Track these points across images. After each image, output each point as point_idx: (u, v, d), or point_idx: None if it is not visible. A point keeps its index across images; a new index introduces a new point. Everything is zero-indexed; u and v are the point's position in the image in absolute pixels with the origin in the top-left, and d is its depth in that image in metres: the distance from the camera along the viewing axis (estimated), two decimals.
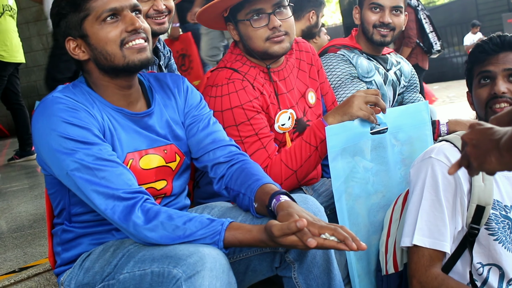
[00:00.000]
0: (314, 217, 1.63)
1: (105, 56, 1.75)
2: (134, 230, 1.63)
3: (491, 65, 1.94)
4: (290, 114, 2.35)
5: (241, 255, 1.83)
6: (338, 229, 1.54)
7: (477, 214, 1.85)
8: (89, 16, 1.73)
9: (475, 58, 2.00)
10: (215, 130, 1.98)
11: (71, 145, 1.66)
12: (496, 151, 1.10)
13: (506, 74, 1.92)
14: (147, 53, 1.78)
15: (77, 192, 1.70)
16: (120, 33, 1.74)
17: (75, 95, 1.76)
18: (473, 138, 1.18)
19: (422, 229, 1.86)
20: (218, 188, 1.95)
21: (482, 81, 1.95)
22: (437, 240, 1.84)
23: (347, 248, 1.51)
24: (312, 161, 2.20)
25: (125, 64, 1.75)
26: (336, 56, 2.89)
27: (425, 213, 1.86)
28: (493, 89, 1.91)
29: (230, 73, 2.28)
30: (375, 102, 2.16)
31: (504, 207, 1.88)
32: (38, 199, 3.95)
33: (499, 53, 1.94)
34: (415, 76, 3.17)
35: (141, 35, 1.77)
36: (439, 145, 1.93)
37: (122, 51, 1.74)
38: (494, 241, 1.87)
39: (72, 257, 1.84)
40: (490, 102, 1.92)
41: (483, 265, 1.89)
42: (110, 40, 1.73)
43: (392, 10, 2.86)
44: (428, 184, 1.87)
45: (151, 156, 1.84)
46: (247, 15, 2.25)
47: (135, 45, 1.75)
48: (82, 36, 1.75)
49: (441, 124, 2.66)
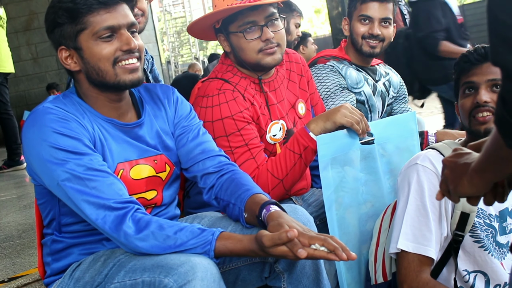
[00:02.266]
0: (304, 227, 1.64)
1: (97, 71, 1.75)
2: (125, 240, 1.63)
3: (475, 76, 1.96)
4: (281, 125, 2.36)
5: (230, 265, 1.84)
6: (328, 239, 1.55)
7: (461, 221, 1.87)
8: (85, 30, 1.73)
9: (461, 68, 2.03)
10: (204, 140, 1.99)
11: (62, 155, 1.66)
12: (467, 174, 1.13)
13: (490, 85, 1.94)
14: (139, 73, 1.79)
15: (67, 202, 1.70)
16: (115, 51, 1.74)
17: (65, 106, 1.76)
18: (452, 162, 1.21)
19: (406, 233, 1.88)
20: (207, 198, 1.95)
21: (467, 91, 1.98)
22: (421, 245, 1.86)
23: (337, 258, 1.52)
24: (297, 169, 2.21)
25: (116, 82, 1.76)
26: (326, 67, 2.91)
27: (409, 218, 1.88)
28: (476, 98, 1.94)
29: (220, 83, 2.30)
30: (357, 121, 2.15)
31: (489, 215, 1.91)
32: (27, 209, 3.93)
33: (483, 63, 1.96)
34: (404, 87, 3.19)
35: (135, 55, 1.77)
36: (425, 152, 1.96)
37: (115, 69, 1.74)
38: (480, 248, 1.90)
39: (62, 267, 1.83)
40: (474, 111, 1.94)
41: (469, 272, 1.91)
42: (103, 57, 1.73)
43: (381, 22, 2.88)
44: (414, 190, 1.89)
45: (142, 166, 1.85)
46: (239, 27, 2.26)
47: (128, 65, 1.76)
48: (76, 48, 1.75)
49: (429, 135, 2.68)
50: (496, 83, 1.94)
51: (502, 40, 0.85)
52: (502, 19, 0.85)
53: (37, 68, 9.84)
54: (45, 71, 10.28)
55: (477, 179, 1.10)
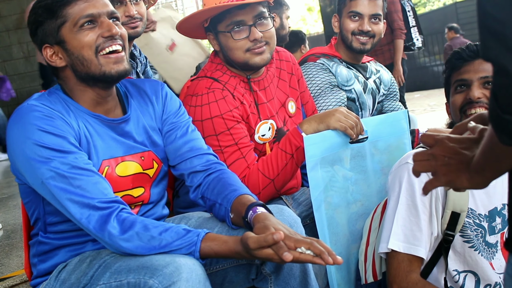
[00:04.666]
0: (290, 230, 1.62)
1: (81, 61, 1.74)
2: (109, 240, 1.62)
3: (467, 73, 1.97)
4: (271, 125, 2.35)
5: (217, 266, 1.83)
6: (314, 243, 1.54)
7: (452, 220, 1.86)
8: (66, 23, 1.72)
9: (452, 65, 2.03)
10: (193, 138, 1.97)
11: (47, 153, 1.64)
12: (467, 172, 1.11)
13: (482, 82, 1.95)
14: (125, 64, 1.77)
15: (52, 201, 1.68)
16: (96, 38, 1.73)
17: (51, 103, 1.74)
18: (445, 156, 1.18)
19: (397, 233, 1.87)
20: (194, 197, 1.94)
21: (459, 88, 1.99)
22: (412, 245, 1.85)
23: (323, 263, 1.51)
24: (289, 169, 2.20)
25: (101, 73, 1.74)
26: (316, 65, 2.89)
27: (400, 218, 1.87)
28: (468, 94, 1.94)
29: (210, 82, 2.28)
30: (352, 125, 2.15)
31: (478, 215, 1.90)
32: (16, 209, 3.91)
33: (475, 60, 1.98)
34: (395, 85, 3.18)
35: (118, 42, 1.76)
36: (410, 152, 1.95)
37: (98, 58, 1.73)
38: (470, 248, 1.89)
39: (49, 268, 1.82)
40: (465, 107, 1.95)
41: (459, 272, 1.90)
42: (86, 45, 1.72)
43: (371, 18, 2.87)
44: (404, 189, 1.88)
45: (128, 163, 1.83)
46: (227, 26, 2.24)
47: (111, 54, 1.74)
48: (59, 42, 1.74)
49: (420, 133, 2.67)
50: (488, 80, 1.94)
51: (492, 34, 0.84)
52: (492, 14, 0.83)
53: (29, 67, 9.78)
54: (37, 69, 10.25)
55: (478, 178, 1.09)
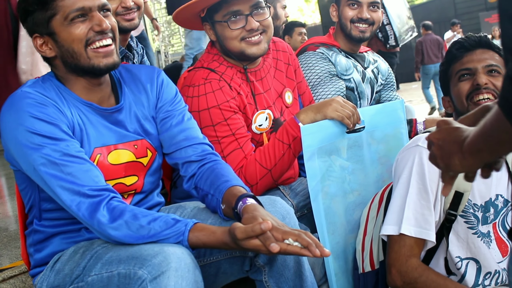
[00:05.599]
0: (278, 222, 1.62)
1: (71, 54, 1.74)
2: (98, 227, 1.63)
3: (470, 63, 1.98)
4: (268, 115, 2.35)
5: (211, 258, 1.83)
6: (302, 235, 1.54)
7: (455, 199, 1.87)
8: (56, 15, 1.72)
9: (453, 56, 2.04)
10: (189, 127, 1.97)
11: (38, 140, 1.65)
12: (459, 153, 1.10)
13: (486, 70, 1.97)
14: (114, 57, 1.78)
15: (44, 187, 1.69)
16: (87, 32, 1.73)
17: (44, 90, 1.75)
18: (439, 138, 1.18)
19: (409, 218, 1.85)
20: (188, 187, 1.94)
21: (463, 77, 1.99)
22: (424, 229, 1.85)
23: (310, 254, 1.51)
24: (286, 159, 2.20)
25: (90, 66, 1.75)
26: (315, 54, 2.89)
27: (412, 202, 1.86)
28: (476, 80, 1.95)
29: (207, 73, 2.28)
30: (349, 115, 2.15)
31: (473, 205, 1.91)
32: (14, 200, 3.91)
33: (477, 49, 1.99)
34: (392, 75, 3.19)
35: (108, 35, 1.76)
36: (426, 135, 1.95)
37: (87, 52, 1.73)
38: (473, 234, 1.90)
39: (45, 257, 1.83)
40: (472, 93, 1.95)
41: (462, 259, 1.91)
42: (76, 38, 1.72)
43: (369, 6, 2.88)
44: (415, 172, 1.87)
45: (121, 151, 1.84)
46: (224, 16, 2.24)
47: (101, 49, 1.74)
48: (49, 33, 1.74)
49: (418, 123, 2.68)
50: (492, 68, 1.96)
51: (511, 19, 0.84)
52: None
53: None
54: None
55: (471, 159, 1.08)
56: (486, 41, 2.02)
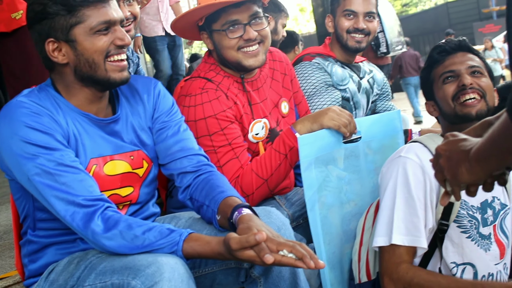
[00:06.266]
0: (273, 232, 1.62)
1: (90, 64, 1.73)
2: (92, 238, 1.63)
3: (453, 65, 2.02)
4: (264, 124, 2.35)
5: (206, 269, 1.83)
6: (296, 246, 1.53)
7: (446, 210, 1.88)
8: (81, 23, 1.70)
9: (435, 60, 2.07)
10: (184, 138, 1.97)
11: (33, 150, 1.64)
12: (466, 162, 1.10)
13: (469, 71, 2.00)
14: (127, 72, 1.80)
15: (38, 197, 1.68)
16: (109, 44, 1.73)
17: (40, 100, 1.74)
18: (447, 150, 1.18)
19: (399, 227, 1.87)
20: (183, 198, 1.94)
21: (447, 80, 2.02)
22: (415, 236, 1.86)
23: (305, 266, 1.50)
24: (282, 170, 2.20)
25: (106, 78, 1.75)
26: (311, 64, 2.90)
27: (400, 212, 1.87)
28: (461, 81, 1.98)
29: (203, 82, 2.28)
30: (346, 123, 2.15)
31: (471, 207, 1.93)
32: (9, 209, 3.88)
33: (458, 52, 2.04)
34: (387, 85, 3.20)
35: (124, 50, 1.77)
36: (408, 145, 1.98)
37: (105, 64, 1.74)
38: (467, 239, 1.91)
39: (39, 268, 1.82)
40: (458, 94, 1.97)
41: (458, 265, 1.92)
42: (98, 49, 1.72)
43: (365, 16, 2.88)
44: (400, 182, 1.89)
45: (117, 162, 1.83)
46: (223, 25, 2.24)
47: (118, 63, 1.75)
48: (69, 40, 1.72)
49: (413, 133, 2.69)
50: (475, 69, 2.00)
51: None
52: None
53: None
54: None
55: (478, 168, 1.08)
56: (466, 45, 2.07)
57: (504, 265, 1.99)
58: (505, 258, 1.99)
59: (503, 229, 1.99)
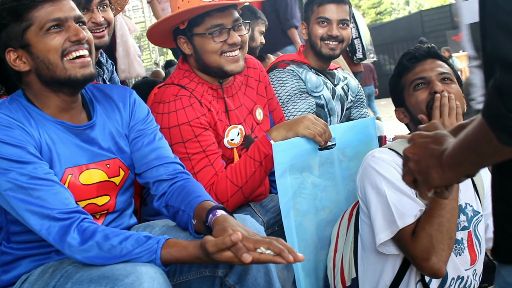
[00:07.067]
0: (249, 231, 1.60)
1: (47, 65, 1.70)
2: (69, 251, 1.61)
3: (424, 72, 2.03)
4: (240, 130, 2.34)
5: (181, 278, 1.81)
6: (273, 242, 1.52)
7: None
8: (32, 26, 1.69)
9: (404, 67, 2.08)
10: (160, 146, 1.95)
11: (4, 164, 1.61)
12: (438, 167, 1.09)
13: (440, 78, 2.01)
14: (91, 68, 1.75)
15: (12, 212, 1.66)
16: (63, 42, 1.70)
17: (10, 112, 1.71)
18: (415, 153, 1.17)
19: (401, 213, 1.84)
20: (158, 206, 1.92)
21: (418, 87, 2.03)
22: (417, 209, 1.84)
23: (284, 261, 1.49)
24: (257, 177, 2.19)
25: (66, 77, 1.71)
26: (285, 71, 2.90)
27: (395, 200, 1.85)
28: (432, 88, 1.98)
29: (177, 89, 2.26)
30: (321, 132, 2.16)
31: None
32: None
33: (427, 59, 2.05)
34: (362, 92, 3.21)
35: (84, 46, 1.74)
36: (378, 149, 2.02)
37: (63, 63, 1.70)
38: None
39: (12, 279, 1.78)
40: (431, 101, 1.97)
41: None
42: (52, 49, 1.69)
43: (339, 23, 2.90)
44: (380, 179, 1.89)
45: (92, 171, 1.80)
46: (207, 29, 2.23)
47: (77, 59, 1.72)
48: (24, 46, 1.70)
49: (387, 140, 2.70)
50: (445, 76, 2.01)
51: (503, 29, 0.84)
52: (503, 6, 0.83)
53: None
54: None
55: (451, 172, 1.08)
56: (435, 52, 2.08)
57: (474, 271, 1.99)
58: (476, 265, 2.00)
59: (477, 236, 2.00)
